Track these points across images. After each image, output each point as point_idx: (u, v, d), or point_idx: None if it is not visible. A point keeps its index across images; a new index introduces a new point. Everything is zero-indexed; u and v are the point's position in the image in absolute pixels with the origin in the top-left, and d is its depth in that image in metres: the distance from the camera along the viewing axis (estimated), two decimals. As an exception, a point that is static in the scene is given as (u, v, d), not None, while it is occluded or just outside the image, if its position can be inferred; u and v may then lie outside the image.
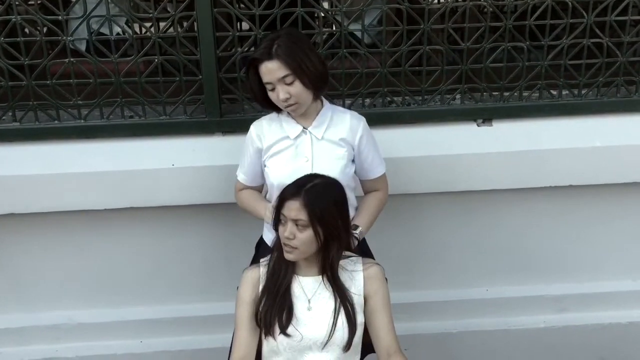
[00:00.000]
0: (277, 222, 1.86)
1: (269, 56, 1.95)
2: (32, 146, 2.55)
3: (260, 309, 1.88)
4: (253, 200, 2.21)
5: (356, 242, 2.12)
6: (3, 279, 2.73)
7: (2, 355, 2.77)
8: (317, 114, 2.10)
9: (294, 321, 1.86)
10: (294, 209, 1.79)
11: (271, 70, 1.96)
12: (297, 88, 1.98)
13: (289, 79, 1.96)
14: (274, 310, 1.86)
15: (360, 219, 2.18)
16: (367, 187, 2.26)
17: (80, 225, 2.63)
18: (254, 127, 2.17)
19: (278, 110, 2.11)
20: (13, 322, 2.77)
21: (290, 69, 1.95)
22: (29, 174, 2.48)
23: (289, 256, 1.85)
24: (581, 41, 2.56)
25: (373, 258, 2.21)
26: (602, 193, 2.71)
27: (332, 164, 2.07)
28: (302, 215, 1.79)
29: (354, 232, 2.12)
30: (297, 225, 1.80)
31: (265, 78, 1.98)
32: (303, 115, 2.08)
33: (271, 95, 2.02)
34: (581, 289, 2.89)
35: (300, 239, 1.81)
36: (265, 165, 2.14)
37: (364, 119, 2.18)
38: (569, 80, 2.64)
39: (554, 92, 2.67)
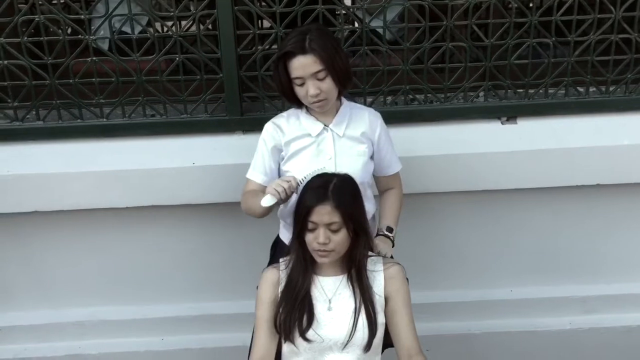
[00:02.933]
0: (302, 232, 1.82)
1: (302, 50, 1.92)
2: (55, 144, 2.58)
3: (279, 315, 1.87)
4: (253, 197, 2.04)
5: (393, 246, 2.12)
6: (27, 276, 2.77)
7: (27, 351, 2.81)
8: (336, 111, 2.09)
9: (314, 325, 1.85)
10: (326, 213, 1.76)
11: (305, 64, 1.93)
12: (328, 84, 1.96)
13: (321, 75, 1.94)
14: (293, 317, 1.84)
15: (391, 220, 2.18)
16: (383, 184, 2.24)
17: (102, 223, 2.65)
18: (272, 123, 2.12)
19: (300, 105, 2.09)
20: (37, 318, 2.81)
21: (324, 64, 1.93)
22: (52, 172, 2.51)
23: (324, 260, 1.83)
24: (609, 37, 2.51)
25: (392, 257, 2.19)
26: (630, 192, 2.65)
27: (354, 160, 2.06)
28: (336, 218, 1.77)
29: (390, 234, 2.12)
30: (329, 228, 1.78)
31: (297, 72, 1.95)
32: (323, 112, 2.07)
33: (299, 90, 1.99)
34: (609, 290, 2.84)
35: (335, 241, 1.79)
36: (284, 164, 2.11)
37: (380, 115, 2.16)
38: (596, 77, 2.59)
39: (581, 89, 2.63)
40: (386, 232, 2.15)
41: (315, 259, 1.85)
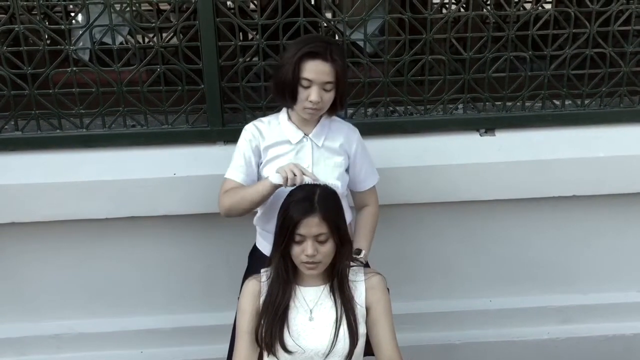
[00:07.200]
0: (288, 245, 1.82)
1: (325, 58, 1.96)
2: (34, 155, 2.55)
3: (260, 328, 1.86)
4: (243, 189, 2.06)
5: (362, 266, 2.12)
6: (4, 288, 2.72)
7: (3, 364, 2.77)
8: (317, 122, 2.11)
9: (295, 336, 1.85)
10: (314, 224, 1.77)
11: (322, 71, 1.96)
12: (330, 97, 2.01)
13: (329, 86, 1.99)
14: (275, 331, 1.84)
15: (362, 242, 2.19)
16: (359, 200, 2.26)
17: (81, 234, 2.62)
18: (253, 125, 2.14)
19: (286, 105, 2.10)
20: (14, 331, 2.76)
21: (336, 79, 1.98)
22: (30, 182, 2.48)
23: (312, 272, 1.84)
24: (584, 51, 2.56)
25: (369, 267, 2.20)
26: (605, 203, 2.70)
27: (330, 171, 2.09)
28: (324, 229, 1.78)
29: (358, 256, 2.10)
30: (317, 240, 1.79)
31: (310, 75, 1.96)
32: (305, 122, 2.09)
33: (302, 91, 1.99)
34: (585, 300, 2.87)
35: (323, 252, 1.80)
36: (262, 168, 2.12)
37: (357, 130, 2.20)
38: (572, 90, 2.64)
39: (557, 102, 2.67)
40: (354, 255, 2.08)
41: (302, 271, 1.85)
